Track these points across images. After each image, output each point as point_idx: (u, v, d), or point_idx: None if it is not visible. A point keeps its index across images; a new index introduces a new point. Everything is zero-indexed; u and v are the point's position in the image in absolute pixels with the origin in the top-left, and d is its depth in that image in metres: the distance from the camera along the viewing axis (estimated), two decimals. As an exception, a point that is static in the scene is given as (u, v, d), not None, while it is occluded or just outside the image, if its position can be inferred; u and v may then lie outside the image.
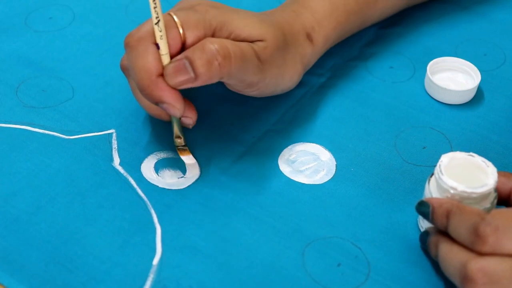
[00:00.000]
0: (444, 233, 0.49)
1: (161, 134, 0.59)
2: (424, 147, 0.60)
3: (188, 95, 0.57)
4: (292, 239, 0.53)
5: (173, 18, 0.52)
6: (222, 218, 0.54)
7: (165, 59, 0.52)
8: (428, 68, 0.65)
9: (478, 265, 0.44)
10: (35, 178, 0.56)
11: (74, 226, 0.53)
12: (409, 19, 0.72)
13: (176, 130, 0.57)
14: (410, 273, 0.51)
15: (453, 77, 0.66)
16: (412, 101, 0.64)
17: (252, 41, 0.55)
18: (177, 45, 0.52)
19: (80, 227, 0.53)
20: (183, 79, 0.51)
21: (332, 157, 0.59)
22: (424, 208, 0.50)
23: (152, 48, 0.52)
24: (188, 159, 0.58)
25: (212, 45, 0.51)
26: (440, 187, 0.50)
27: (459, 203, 0.48)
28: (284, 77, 0.58)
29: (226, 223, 0.54)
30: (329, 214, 0.55)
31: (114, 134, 0.59)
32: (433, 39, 0.70)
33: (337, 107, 0.63)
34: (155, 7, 0.50)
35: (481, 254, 0.45)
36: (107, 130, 0.60)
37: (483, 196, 0.49)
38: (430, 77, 0.64)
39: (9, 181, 0.55)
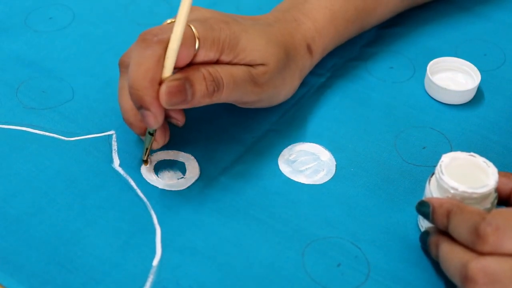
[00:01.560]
0: (445, 233, 0.49)
1: (161, 135, 0.59)
2: (424, 147, 0.60)
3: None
4: (292, 240, 0.53)
5: (194, 33, 0.51)
6: (222, 218, 0.54)
7: (166, 72, 0.51)
8: (428, 68, 0.64)
9: (479, 265, 0.44)
10: (35, 179, 0.56)
11: (74, 227, 0.53)
12: (409, 19, 0.72)
13: (148, 146, 0.56)
14: (410, 273, 0.51)
15: (453, 77, 0.66)
16: (412, 101, 0.64)
17: (254, 65, 0.55)
18: (187, 61, 0.51)
19: (80, 228, 0.53)
20: (179, 100, 0.51)
21: (332, 157, 0.59)
22: (424, 208, 0.50)
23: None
24: (147, 168, 0.57)
25: (208, 72, 0.51)
26: (440, 187, 0.50)
27: (460, 203, 0.48)
28: (280, 94, 0.59)
29: (226, 223, 0.54)
30: (329, 214, 0.55)
31: (114, 136, 0.59)
32: (433, 39, 0.70)
33: (337, 107, 0.63)
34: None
35: (481, 254, 0.45)
36: (107, 132, 0.60)
37: (484, 197, 0.49)
38: (430, 77, 0.64)
39: (9, 182, 0.55)
